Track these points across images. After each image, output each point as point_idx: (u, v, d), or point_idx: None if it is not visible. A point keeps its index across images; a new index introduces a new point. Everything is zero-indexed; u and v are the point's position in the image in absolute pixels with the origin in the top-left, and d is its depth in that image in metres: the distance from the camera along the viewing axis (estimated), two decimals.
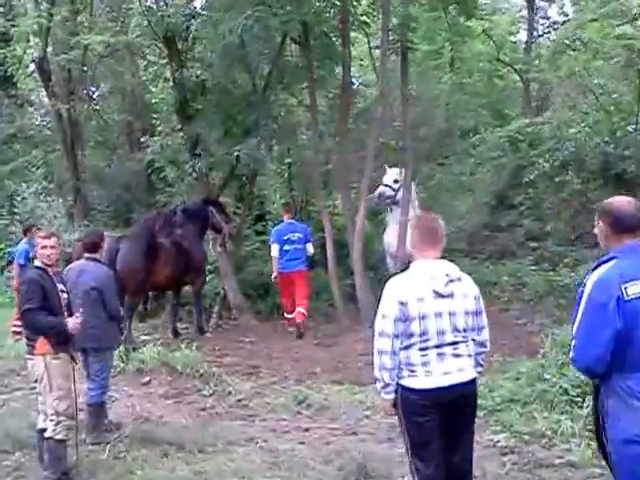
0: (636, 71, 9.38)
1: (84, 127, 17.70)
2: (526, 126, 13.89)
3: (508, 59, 17.63)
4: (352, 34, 10.71)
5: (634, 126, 9.60)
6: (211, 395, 7.34)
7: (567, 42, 13.13)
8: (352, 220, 9.93)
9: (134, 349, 8.43)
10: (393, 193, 10.21)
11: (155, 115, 18.80)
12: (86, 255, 6.28)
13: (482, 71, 16.85)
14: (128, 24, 12.96)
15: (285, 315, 10.27)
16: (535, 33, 20.85)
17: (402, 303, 3.61)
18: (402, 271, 3.94)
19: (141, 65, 19.05)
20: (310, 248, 10.24)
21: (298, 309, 10.00)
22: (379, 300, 3.79)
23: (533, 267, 11.61)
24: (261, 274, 11.47)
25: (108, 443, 6.02)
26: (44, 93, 18.92)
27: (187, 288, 10.37)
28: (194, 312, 10.17)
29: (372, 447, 5.71)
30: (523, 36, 21.49)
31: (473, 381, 3.80)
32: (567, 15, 21.77)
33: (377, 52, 11.48)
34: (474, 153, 14.30)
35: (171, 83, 10.60)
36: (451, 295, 3.68)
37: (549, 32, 22.78)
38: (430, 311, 3.63)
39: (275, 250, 10.02)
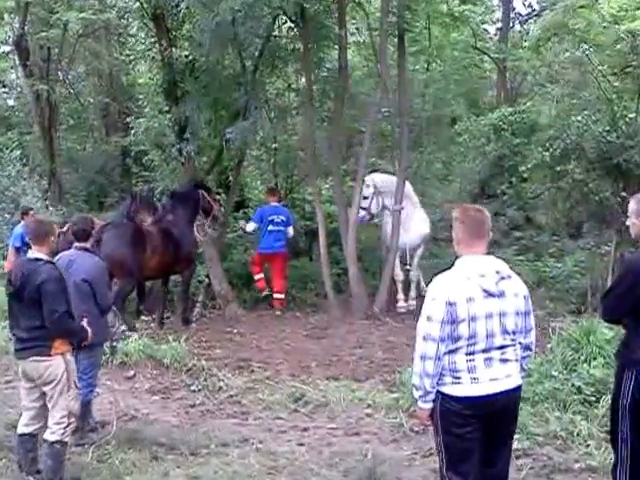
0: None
1: (60, 109, 16.94)
2: (509, 114, 13.58)
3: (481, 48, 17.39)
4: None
5: (634, 115, 9.27)
6: (200, 391, 6.83)
7: (552, 30, 12.73)
8: (344, 208, 9.44)
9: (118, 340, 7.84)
10: (365, 213, 9.73)
11: (136, 97, 18.41)
12: (76, 244, 5.62)
13: (457, 60, 16.50)
14: (110, 2, 12.26)
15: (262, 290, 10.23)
16: (512, 23, 20.72)
17: (450, 304, 3.22)
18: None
19: (120, 46, 18.45)
20: (291, 231, 10.25)
21: (276, 296, 10.04)
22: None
23: (519, 257, 11.32)
24: (245, 263, 10.94)
25: (93, 444, 5.50)
26: (19, 74, 18.12)
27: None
28: (180, 302, 9.60)
29: (377, 449, 5.30)
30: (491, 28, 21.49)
31: (519, 388, 3.44)
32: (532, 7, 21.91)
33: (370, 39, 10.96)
34: (460, 141, 13.91)
35: (159, 63, 9.89)
36: (502, 294, 3.29)
37: (527, 21, 22.75)
38: (480, 312, 3.24)
39: (251, 227, 10.11)
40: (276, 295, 10.08)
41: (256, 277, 10.31)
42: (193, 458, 5.28)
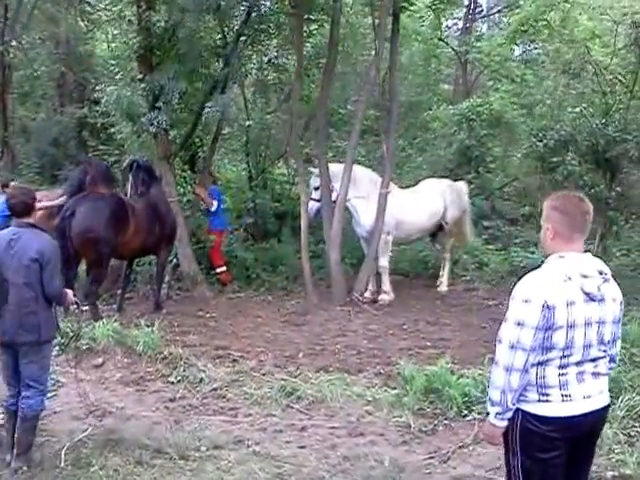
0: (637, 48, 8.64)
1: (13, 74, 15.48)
2: (478, 105, 13.16)
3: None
4: None
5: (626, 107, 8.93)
6: (179, 382, 6.05)
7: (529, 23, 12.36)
8: (327, 191, 8.66)
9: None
10: (317, 204, 8.91)
11: (93, 68, 17.11)
12: (17, 220, 4.40)
13: (417, 51, 16.07)
14: None
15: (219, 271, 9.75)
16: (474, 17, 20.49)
17: (549, 307, 2.60)
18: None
19: (81, 13, 17.05)
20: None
21: (221, 270, 9.71)
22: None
23: (489, 246, 10.98)
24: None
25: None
26: None
27: None
28: (154, 284, 8.65)
29: (389, 452, 4.66)
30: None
31: (609, 406, 2.87)
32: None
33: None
34: (432, 128, 13.40)
35: (135, 27, 8.80)
36: (602, 299, 2.69)
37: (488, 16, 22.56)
38: (580, 318, 2.64)
39: (215, 207, 9.66)
40: (221, 269, 9.68)
41: (220, 270, 9.70)
42: (184, 463, 4.53)
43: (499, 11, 21.56)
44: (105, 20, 12.41)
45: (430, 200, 9.16)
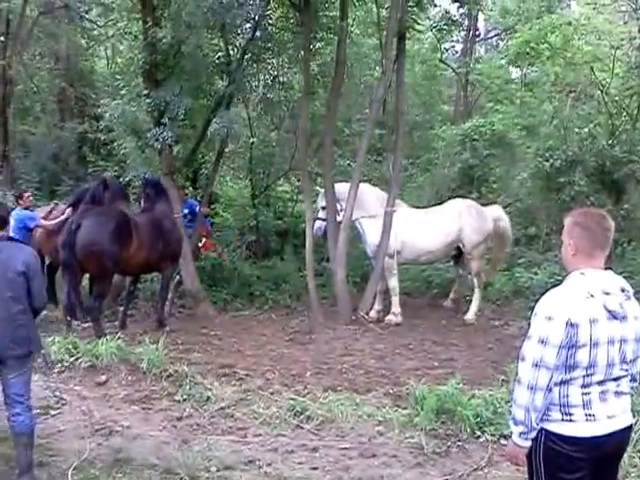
0: None
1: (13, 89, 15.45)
2: (480, 126, 13.24)
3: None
4: None
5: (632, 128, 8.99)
6: (186, 401, 5.93)
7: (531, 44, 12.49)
8: (333, 209, 8.64)
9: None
10: (322, 224, 8.87)
11: (94, 84, 17.17)
12: None
13: (419, 72, 16.21)
14: None
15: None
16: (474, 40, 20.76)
17: (572, 325, 2.56)
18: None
19: (81, 30, 17.13)
20: None
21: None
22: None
23: None
24: (217, 260, 10.03)
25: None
26: None
27: None
28: (158, 301, 8.58)
29: (403, 474, 4.58)
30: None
31: (632, 426, 2.82)
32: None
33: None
34: (436, 148, 13.46)
35: (141, 42, 8.81)
36: (625, 317, 2.67)
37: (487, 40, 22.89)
38: (603, 337, 2.61)
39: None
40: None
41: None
42: None
43: (497, 35, 21.90)
44: (108, 36, 12.35)
45: (441, 221, 8.83)
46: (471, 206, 9.18)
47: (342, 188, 8.77)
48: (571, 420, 2.62)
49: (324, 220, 8.78)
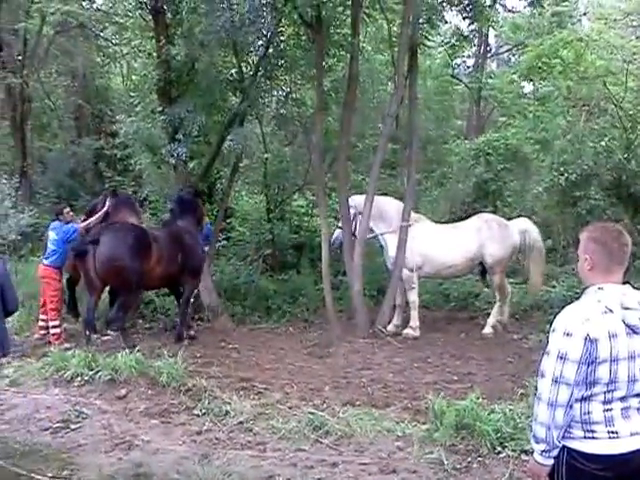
0: None
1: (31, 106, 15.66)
2: (494, 140, 13.26)
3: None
4: None
5: None
6: (205, 415, 5.92)
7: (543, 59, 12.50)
8: (348, 223, 8.66)
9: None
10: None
11: (110, 100, 17.38)
12: None
13: (431, 87, 16.26)
14: None
15: None
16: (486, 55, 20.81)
17: (591, 340, 2.53)
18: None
19: (97, 48, 17.36)
20: None
21: None
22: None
23: (509, 280, 10.86)
24: (235, 275, 10.05)
25: None
26: None
27: None
28: (179, 315, 8.62)
29: None
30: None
31: None
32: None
33: None
34: (450, 162, 13.47)
35: (155, 60, 8.94)
36: None
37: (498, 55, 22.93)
38: (623, 352, 2.57)
39: None
40: None
41: None
42: None
43: (509, 50, 21.93)
44: (123, 54, 12.51)
45: (461, 236, 8.77)
46: (492, 220, 9.07)
47: (359, 201, 8.79)
48: (593, 437, 2.57)
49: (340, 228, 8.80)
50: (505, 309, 9.05)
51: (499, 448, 5.06)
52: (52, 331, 8.12)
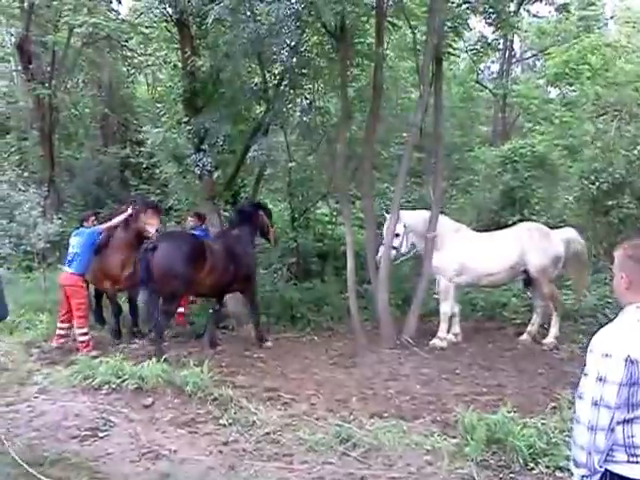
0: None
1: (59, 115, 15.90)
2: (520, 147, 13.10)
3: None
4: None
5: None
6: (231, 425, 5.89)
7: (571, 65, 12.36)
8: (373, 231, 8.61)
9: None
10: (395, 252, 8.72)
11: (135, 110, 17.59)
12: None
13: (456, 94, 16.13)
14: (133, 5, 11.36)
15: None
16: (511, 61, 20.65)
17: (632, 362, 2.44)
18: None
19: (122, 58, 17.59)
20: None
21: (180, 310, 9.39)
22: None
23: None
24: (259, 283, 10.02)
25: None
26: (16, 78, 17.05)
27: None
28: (251, 320, 8.87)
29: None
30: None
31: None
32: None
33: None
34: (475, 170, 13.34)
35: (180, 71, 9.01)
36: None
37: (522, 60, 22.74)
38: None
39: None
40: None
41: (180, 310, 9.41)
42: None
43: (534, 55, 21.75)
44: (148, 65, 12.66)
45: (501, 245, 8.61)
46: (533, 229, 8.88)
47: (407, 217, 8.73)
48: (638, 462, 2.48)
49: (395, 248, 8.61)
50: (537, 320, 8.90)
51: (532, 464, 4.94)
52: (80, 339, 8.17)
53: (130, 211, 8.55)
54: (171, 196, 10.53)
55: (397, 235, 8.62)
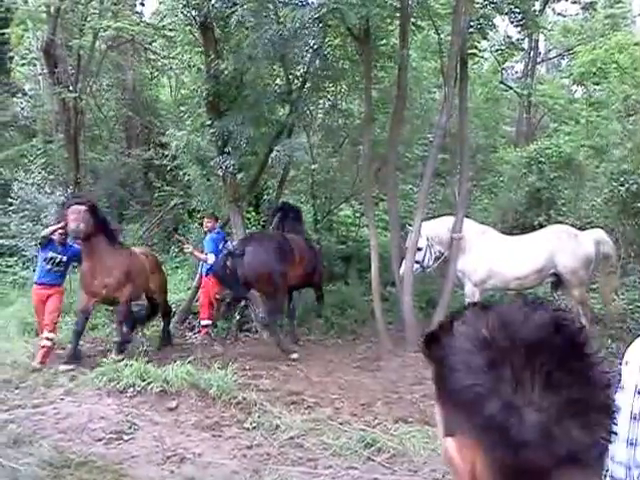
0: None
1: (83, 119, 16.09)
2: (546, 147, 12.94)
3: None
4: None
5: None
6: (255, 429, 5.90)
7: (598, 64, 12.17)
8: (397, 233, 8.58)
9: None
10: (418, 266, 8.66)
11: (158, 112, 17.74)
12: None
13: (480, 94, 16.00)
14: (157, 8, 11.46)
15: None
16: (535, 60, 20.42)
17: None
18: None
19: (146, 61, 17.76)
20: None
21: (206, 323, 9.26)
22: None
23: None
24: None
25: None
26: (42, 82, 17.31)
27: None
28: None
29: None
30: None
31: None
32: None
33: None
34: (500, 171, 13.21)
35: (204, 74, 9.05)
36: None
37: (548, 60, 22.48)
38: None
39: (212, 260, 8.96)
40: (206, 322, 9.28)
41: (205, 323, 9.29)
42: None
43: (560, 54, 21.49)
44: (171, 68, 12.76)
45: (529, 248, 8.48)
46: (562, 231, 8.73)
47: (432, 229, 8.66)
48: None
49: (417, 262, 8.55)
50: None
51: None
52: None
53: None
54: (194, 198, 10.56)
55: (419, 249, 8.55)
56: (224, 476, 5.03)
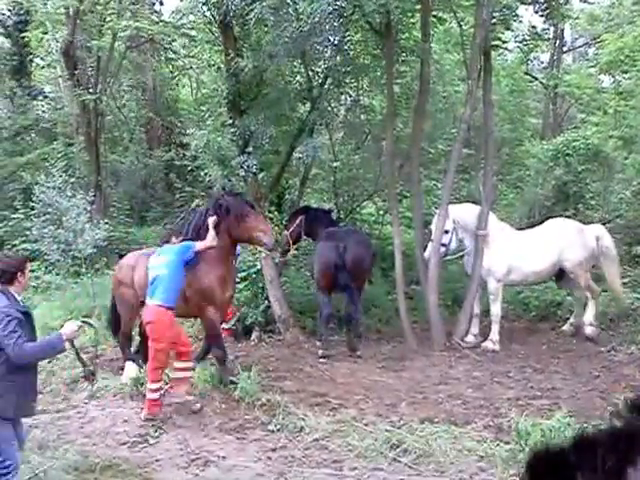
0: None
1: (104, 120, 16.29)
2: (573, 140, 12.76)
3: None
4: None
5: None
6: (279, 431, 5.95)
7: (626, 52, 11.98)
8: (421, 231, 8.55)
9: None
10: (444, 249, 8.74)
11: (179, 112, 17.88)
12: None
13: (505, 86, 15.83)
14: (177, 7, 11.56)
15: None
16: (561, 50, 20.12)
17: None
18: None
19: (166, 61, 17.92)
20: None
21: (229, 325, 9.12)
22: None
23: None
24: (305, 286, 10.06)
25: None
26: (62, 84, 17.55)
27: None
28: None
29: None
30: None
31: None
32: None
33: None
34: (526, 164, 13.08)
35: (224, 73, 9.10)
36: None
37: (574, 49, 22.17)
38: None
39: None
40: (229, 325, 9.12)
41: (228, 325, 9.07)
42: None
43: (587, 43, 21.19)
44: (191, 67, 12.83)
45: (543, 241, 8.68)
46: (568, 225, 9.07)
47: (459, 212, 8.76)
48: None
49: (444, 245, 8.66)
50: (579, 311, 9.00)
51: None
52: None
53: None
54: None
55: (446, 232, 8.61)
56: (249, 479, 5.08)
